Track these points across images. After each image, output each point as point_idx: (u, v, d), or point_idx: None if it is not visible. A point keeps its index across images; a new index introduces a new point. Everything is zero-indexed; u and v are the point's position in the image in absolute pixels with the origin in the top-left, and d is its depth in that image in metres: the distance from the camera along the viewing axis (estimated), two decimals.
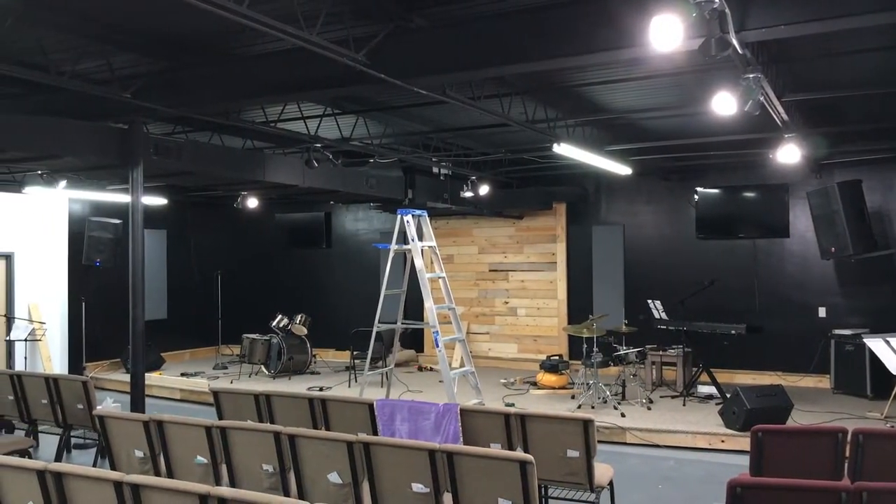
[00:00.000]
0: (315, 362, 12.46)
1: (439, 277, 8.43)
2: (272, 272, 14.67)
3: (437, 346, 7.84)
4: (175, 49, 6.10)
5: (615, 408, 8.70)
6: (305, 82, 6.11)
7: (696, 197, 11.19)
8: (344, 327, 12.30)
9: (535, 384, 10.45)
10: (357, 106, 8.01)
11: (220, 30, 5.51)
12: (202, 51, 6.13)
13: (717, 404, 8.80)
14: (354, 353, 11.31)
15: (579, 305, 12.00)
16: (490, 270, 13.08)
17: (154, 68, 6.53)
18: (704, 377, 9.44)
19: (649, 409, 8.89)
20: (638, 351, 9.44)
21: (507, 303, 12.91)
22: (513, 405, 8.95)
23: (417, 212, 8.48)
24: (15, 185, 10.66)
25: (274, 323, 11.79)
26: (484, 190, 11.14)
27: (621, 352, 9.30)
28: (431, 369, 12.38)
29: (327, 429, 5.64)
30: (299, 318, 11.96)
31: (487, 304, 13.06)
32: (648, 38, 4.30)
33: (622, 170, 9.92)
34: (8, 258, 11.09)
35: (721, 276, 10.50)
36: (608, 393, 9.04)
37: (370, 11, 5.19)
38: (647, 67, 6.38)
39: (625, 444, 7.99)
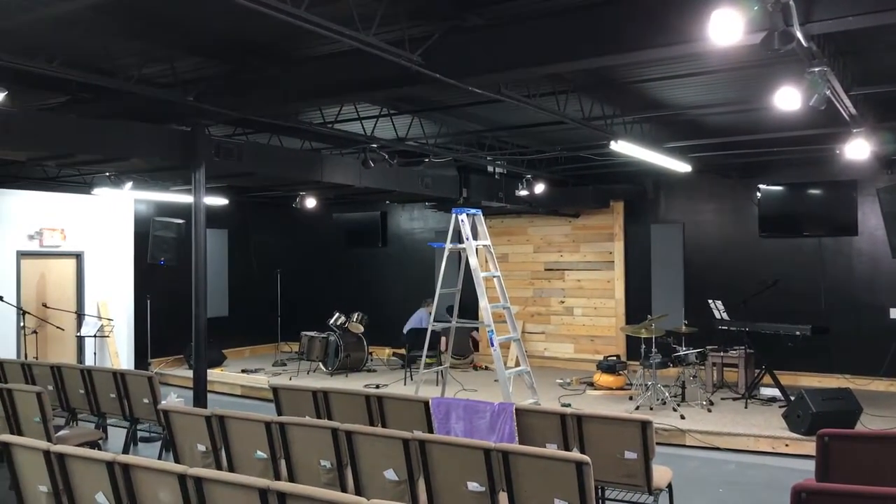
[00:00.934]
0: (371, 360, 12.59)
1: (494, 276, 8.42)
2: (329, 271, 14.87)
3: (492, 345, 7.82)
4: (235, 53, 6.24)
5: (674, 409, 8.54)
6: (362, 83, 6.17)
7: (758, 194, 10.90)
8: (399, 325, 12.40)
9: (591, 385, 10.33)
10: (412, 106, 8.05)
11: (278, 33, 5.61)
12: (261, 54, 6.25)
13: (780, 407, 8.56)
14: (410, 351, 11.38)
15: (637, 305, 11.82)
16: (545, 269, 12.99)
17: (215, 72, 6.69)
18: (767, 379, 9.19)
19: (710, 411, 8.70)
20: (698, 352, 9.25)
21: (563, 302, 12.80)
22: (569, 405, 8.87)
23: (472, 211, 8.47)
24: (85, 186, 11.08)
25: (331, 321, 11.95)
26: (539, 188, 11.06)
27: (681, 352, 9.12)
28: (487, 368, 12.36)
29: (383, 426, 5.69)
30: (356, 317, 12.10)
31: (543, 303, 12.98)
32: (708, 32, 4.20)
33: (681, 167, 9.73)
34: (78, 257, 11.52)
35: (785, 276, 10.20)
36: (667, 394, 8.88)
37: (425, 11, 5.21)
38: (707, 62, 6.24)
39: (684, 446, 7.84)
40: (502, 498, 4.16)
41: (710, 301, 10.10)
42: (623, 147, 8.00)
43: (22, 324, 10.20)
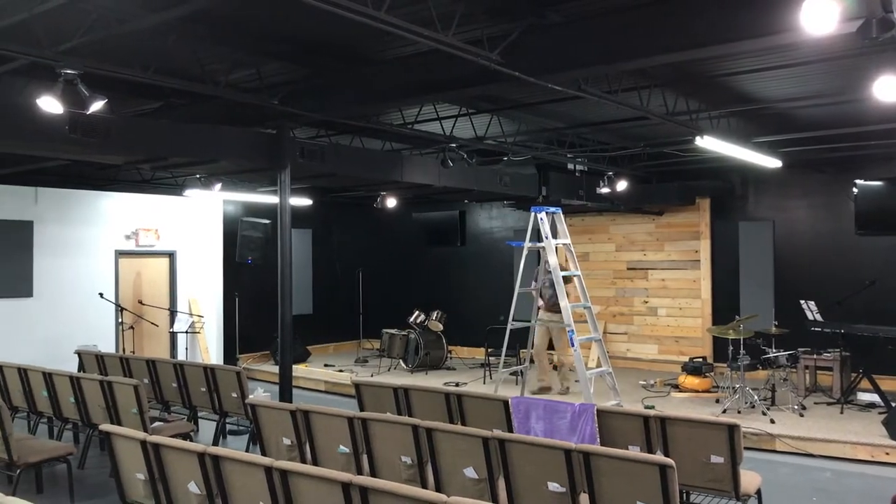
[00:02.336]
0: (450, 358, 12.65)
1: (574, 275, 8.32)
2: (409, 270, 15.03)
3: (573, 345, 7.74)
4: (318, 56, 6.39)
5: (764, 413, 8.24)
6: (441, 83, 6.21)
7: (855, 190, 10.37)
8: (478, 324, 12.41)
9: (676, 387, 10.08)
10: (491, 105, 8.05)
11: (359, 36, 5.71)
12: (343, 56, 6.38)
13: (880, 413, 8.13)
14: (489, 349, 11.38)
15: (725, 305, 11.44)
16: (628, 269, 12.74)
17: (299, 75, 6.86)
18: (865, 384, 8.74)
19: (802, 415, 8.34)
20: (789, 354, 8.89)
21: (646, 302, 12.54)
22: (652, 407, 8.67)
23: (552, 209, 8.40)
24: (177, 188, 11.56)
25: (411, 319, 12.07)
26: (621, 185, 10.86)
27: (771, 354, 8.79)
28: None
29: (463, 424, 5.71)
30: (435, 315, 12.18)
31: (625, 303, 12.74)
32: (800, 22, 4.03)
33: (771, 162, 9.37)
34: (171, 256, 12.03)
35: (883, 275, 9.68)
36: (756, 398, 8.57)
37: (503, 10, 5.20)
38: (799, 53, 5.99)
39: (774, 451, 7.55)
40: (583, 499, 4.11)
41: (802, 301, 9.68)
42: (709, 143, 7.77)
43: (120, 320, 10.74)
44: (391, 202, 12.32)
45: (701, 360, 10.39)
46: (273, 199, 10.69)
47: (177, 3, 4.65)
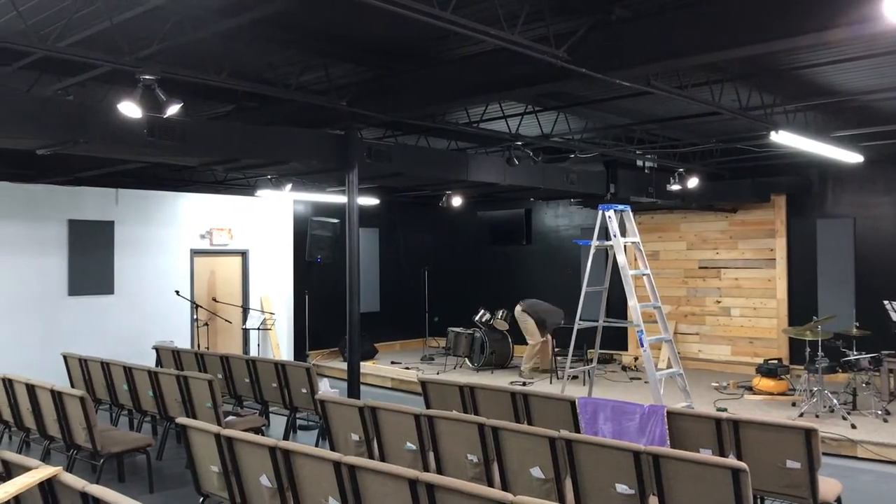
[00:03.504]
0: (514, 357, 12.61)
1: (643, 274, 8.19)
2: (475, 268, 15.04)
3: (642, 345, 7.61)
4: (385, 57, 6.46)
5: (844, 418, 7.92)
6: (507, 82, 6.19)
7: None
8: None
9: (750, 389, 9.80)
10: (558, 102, 7.98)
11: (425, 36, 5.74)
12: (409, 57, 6.43)
13: None
14: (555, 349, 11.29)
15: (802, 305, 11.06)
16: (700, 268, 12.44)
17: (366, 76, 6.95)
18: None
19: (885, 421, 7.99)
20: (872, 357, 8.52)
21: (718, 302, 12.22)
22: (725, 410, 8.45)
23: (620, 207, 8.28)
24: (249, 188, 11.87)
25: (477, 317, 12.08)
26: (693, 182, 10.60)
27: (851, 357, 8.44)
28: (636, 368, 12.04)
29: (529, 423, 5.69)
30: (501, 314, 12.16)
31: (697, 303, 12.44)
32: (882, 11, 3.85)
33: (851, 157, 8.99)
34: (244, 255, 12.36)
35: None
36: (835, 402, 8.25)
37: (570, 7, 5.15)
38: (880, 43, 5.73)
39: (855, 458, 7.25)
40: (653, 502, 4.04)
41: (885, 302, 9.26)
42: (785, 138, 7.51)
43: (195, 316, 11.10)
44: (457, 201, 12.35)
45: (776, 361, 10.07)
46: (341, 199, 10.87)
47: (249, 8, 4.78)
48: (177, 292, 10.91)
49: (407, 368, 11.77)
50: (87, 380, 8.07)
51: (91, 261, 10.48)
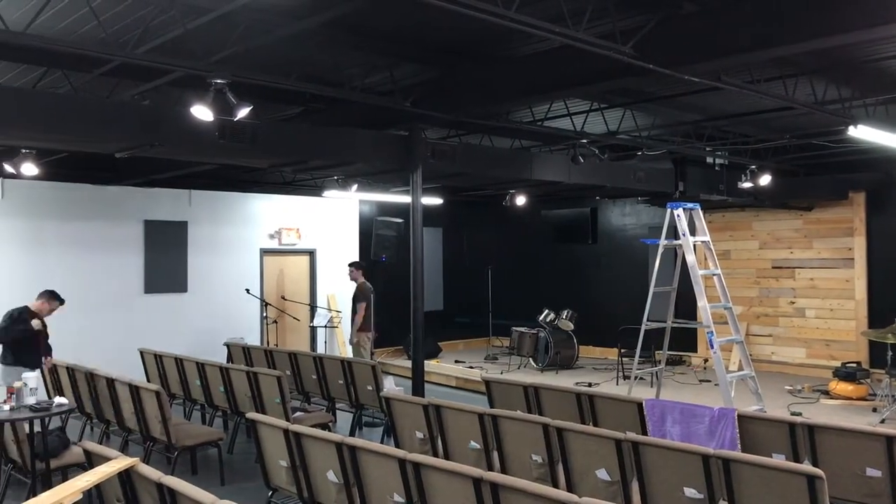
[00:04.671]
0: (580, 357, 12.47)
1: (714, 274, 7.99)
2: (539, 268, 14.94)
3: (712, 347, 7.42)
4: (449, 57, 6.48)
5: None
6: (571, 79, 6.14)
7: None
8: (610, 324, 12.13)
9: (826, 393, 9.46)
10: (624, 99, 7.86)
11: (488, 35, 5.74)
12: (473, 57, 6.44)
13: None
14: (622, 350, 11.12)
15: (883, 307, 10.58)
16: (773, 267, 12.06)
17: (430, 77, 6.99)
18: None
19: None
20: None
21: (793, 303, 11.82)
22: (800, 414, 8.16)
23: (689, 205, 8.11)
24: (316, 189, 12.10)
25: (541, 317, 12.00)
26: (765, 180, 10.28)
27: None
28: (705, 370, 11.76)
29: (595, 425, 5.62)
30: (565, 314, 12.05)
31: (770, 303, 12.06)
32: None
33: None
34: (311, 254, 12.59)
35: None
36: None
37: (637, 2, 5.07)
38: None
39: None
40: None
41: None
42: (864, 132, 7.21)
43: (265, 314, 11.36)
44: (520, 200, 12.30)
45: (855, 365, 9.68)
46: (406, 199, 10.94)
47: (317, 11, 4.87)
48: (247, 290, 11.19)
49: (471, 367, 11.77)
50: (162, 375, 8.36)
51: (166, 260, 10.84)
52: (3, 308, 9.36)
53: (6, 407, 5.07)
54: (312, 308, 12.17)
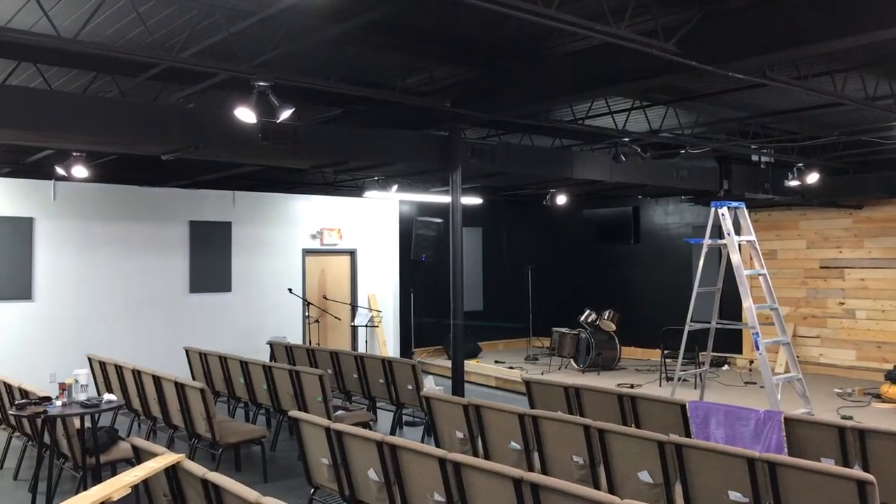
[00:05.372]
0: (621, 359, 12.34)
1: (759, 274, 7.84)
2: (580, 268, 14.83)
3: (758, 349, 7.28)
4: (487, 57, 6.47)
5: None
6: (613, 77, 6.08)
7: None
8: (653, 325, 11.98)
9: (878, 396, 9.20)
10: (667, 96, 7.76)
11: (527, 34, 5.71)
12: (511, 56, 6.42)
13: None
14: (665, 351, 10.97)
15: None
16: (821, 267, 11.78)
17: (470, 77, 6.99)
18: None
19: None
20: None
21: (842, 304, 11.52)
22: (850, 418, 7.96)
23: (734, 204, 7.97)
24: (357, 190, 12.19)
25: (582, 318, 11.91)
26: (813, 178, 10.05)
27: None
28: (750, 372, 11.54)
29: (637, 427, 5.56)
30: (607, 314, 11.94)
31: (818, 304, 11.78)
32: None
33: None
34: (352, 254, 12.69)
35: None
36: None
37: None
38: None
39: None
40: None
41: None
42: None
43: (306, 313, 11.49)
44: (561, 199, 12.22)
45: None
46: (445, 199, 10.97)
47: (357, 14, 4.91)
48: (290, 290, 11.33)
49: (511, 368, 11.74)
50: (207, 373, 8.51)
51: (210, 260, 11.04)
52: (55, 307, 9.68)
53: (58, 403, 5.19)
54: (353, 307, 12.27)
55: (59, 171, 8.51)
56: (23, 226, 9.53)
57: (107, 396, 5.65)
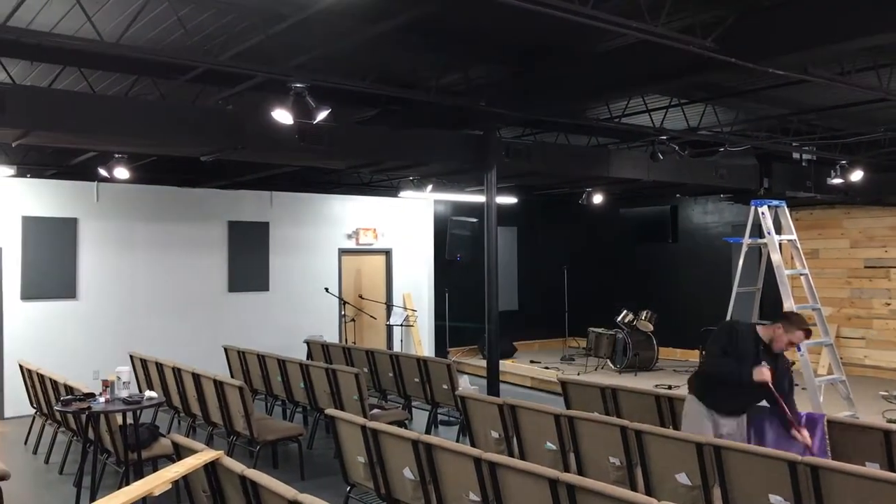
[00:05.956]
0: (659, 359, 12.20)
1: (801, 274, 7.69)
2: (616, 267, 14.69)
3: (799, 350, 7.14)
4: (523, 56, 6.44)
5: None
6: (650, 75, 6.02)
7: None
8: (691, 325, 11.81)
9: None
10: (705, 93, 7.64)
11: (562, 33, 5.67)
12: (546, 55, 6.38)
13: None
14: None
15: None
16: (866, 267, 11.50)
17: (505, 76, 6.97)
18: None
19: None
20: None
21: (888, 304, 11.24)
22: None
23: (774, 202, 7.83)
24: (392, 190, 12.24)
25: (619, 318, 11.80)
26: (857, 175, 9.82)
27: None
28: (791, 374, 11.31)
29: (675, 428, 5.49)
30: (644, 314, 11.81)
31: (863, 305, 11.51)
32: None
33: None
34: (387, 254, 12.75)
35: None
36: None
37: None
38: None
39: None
40: None
41: None
42: None
43: (342, 312, 11.57)
44: (597, 198, 12.13)
45: None
46: (480, 199, 10.96)
47: (392, 15, 4.93)
48: (326, 289, 11.42)
49: (546, 368, 11.68)
50: (245, 371, 8.62)
51: (248, 259, 11.18)
52: (99, 306, 9.90)
53: (101, 399, 5.27)
54: (389, 307, 12.32)
55: (102, 172, 8.69)
56: (68, 226, 9.76)
57: (148, 394, 5.72)
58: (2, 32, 4.75)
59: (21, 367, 7.74)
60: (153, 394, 5.79)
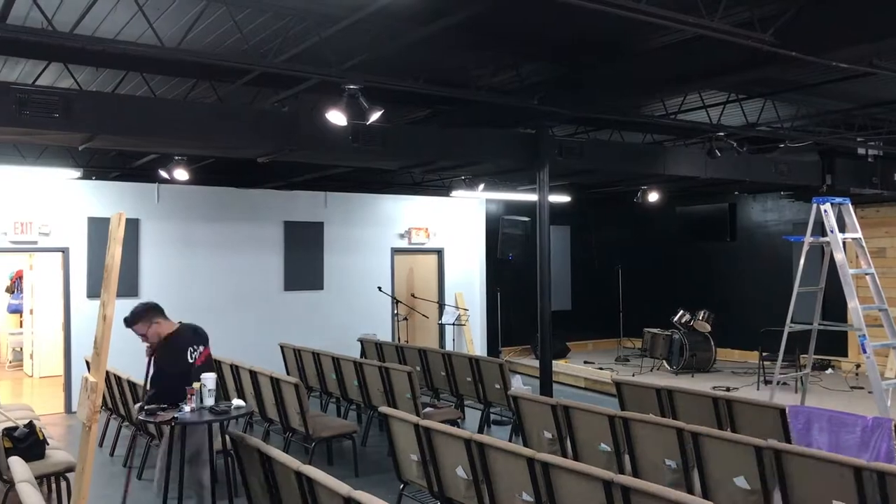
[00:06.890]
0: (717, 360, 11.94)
1: (866, 274, 7.43)
2: (672, 266, 14.43)
3: (865, 352, 6.90)
4: (575, 53, 6.39)
5: None
6: (707, 71, 5.90)
7: None
8: (751, 326, 11.54)
9: None
10: (764, 88, 7.46)
11: (615, 29, 5.61)
12: (599, 52, 6.31)
13: None
14: (763, 354, 10.55)
15: None
16: None
17: (556, 74, 6.92)
18: None
19: None
20: None
21: None
22: None
23: (838, 199, 7.59)
24: (444, 189, 12.27)
25: (675, 318, 11.60)
26: None
27: None
28: (857, 376, 10.94)
29: (733, 431, 5.37)
30: (702, 315, 11.58)
31: None
32: None
33: None
34: (439, 253, 12.79)
35: None
36: None
37: None
38: None
39: None
40: None
41: None
42: None
43: (395, 311, 11.66)
44: (653, 196, 11.94)
45: None
46: (532, 198, 10.90)
47: (443, 15, 4.94)
48: (379, 288, 11.52)
49: (600, 369, 11.56)
50: (300, 368, 8.76)
51: (304, 259, 11.35)
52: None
53: (187, 408, 4.82)
54: (441, 306, 12.36)
55: (163, 174, 8.94)
56: (130, 227, 10.06)
57: (235, 402, 5.16)
58: (68, 40, 4.92)
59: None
60: (240, 402, 5.25)
